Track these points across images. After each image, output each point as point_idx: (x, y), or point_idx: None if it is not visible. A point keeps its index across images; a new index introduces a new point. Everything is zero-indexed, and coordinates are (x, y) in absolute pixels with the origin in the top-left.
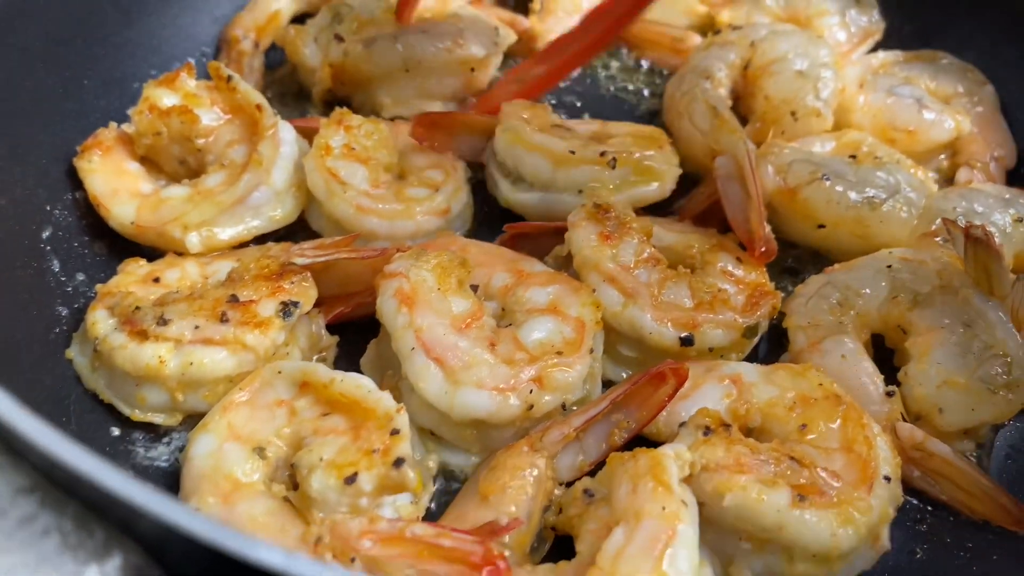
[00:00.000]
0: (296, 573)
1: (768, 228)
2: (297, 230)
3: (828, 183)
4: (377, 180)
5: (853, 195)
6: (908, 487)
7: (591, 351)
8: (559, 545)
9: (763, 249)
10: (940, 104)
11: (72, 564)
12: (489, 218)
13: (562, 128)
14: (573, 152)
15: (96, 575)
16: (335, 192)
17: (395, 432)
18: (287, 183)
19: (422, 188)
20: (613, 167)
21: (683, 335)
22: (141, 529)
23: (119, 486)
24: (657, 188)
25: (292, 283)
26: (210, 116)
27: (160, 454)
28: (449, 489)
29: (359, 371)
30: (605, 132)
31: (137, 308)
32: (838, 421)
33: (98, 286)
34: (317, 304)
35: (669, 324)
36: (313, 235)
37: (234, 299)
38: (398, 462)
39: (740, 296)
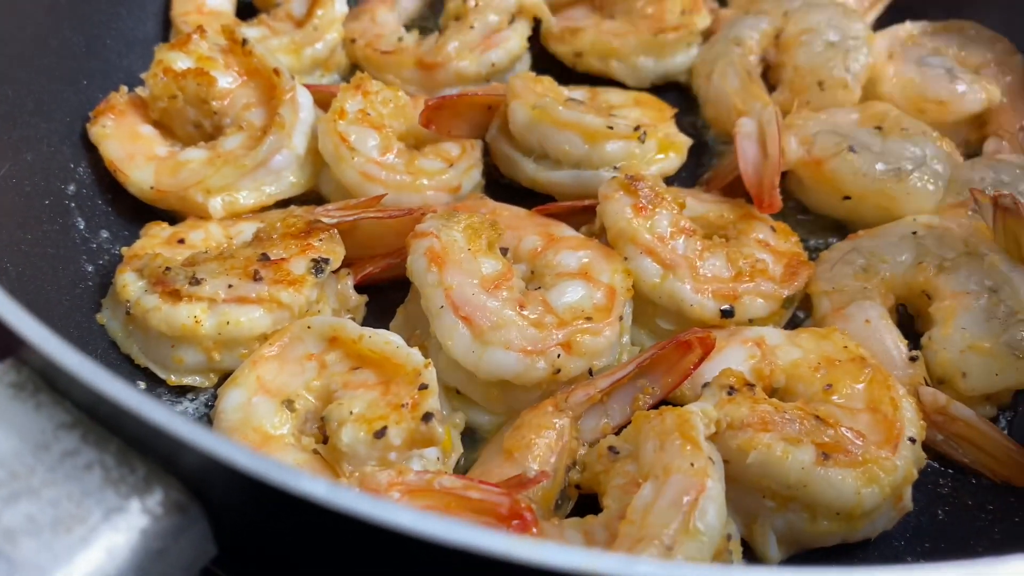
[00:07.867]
0: (339, 504)
1: (777, 189)
2: (311, 200)
3: (854, 154)
4: (389, 148)
5: (879, 166)
6: (930, 450)
7: (620, 319)
8: (582, 505)
9: (769, 202)
10: (971, 75)
11: (115, 498)
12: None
13: (576, 102)
14: (612, 128)
15: (138, 509)
16: (343, 157)
17: (423, 387)
18: (307, 148)
19: (436, 160)
20: (643, 141)
21: (724, 307)
22: (183, 465)
23: (163, 419)
24: (677, 161)
25: (320, 240)
26: (226, 79)
27: (185, 409)
28: (473, 453)
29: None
30: (604, 101)
31: (168, 268)
32: (863, 382)
33: (123, 249)
34: (345, 265)
35: (710, 296)
36: (325, 203)
37: (265, 257)
38: (427, 417)
39: (777, 266)
